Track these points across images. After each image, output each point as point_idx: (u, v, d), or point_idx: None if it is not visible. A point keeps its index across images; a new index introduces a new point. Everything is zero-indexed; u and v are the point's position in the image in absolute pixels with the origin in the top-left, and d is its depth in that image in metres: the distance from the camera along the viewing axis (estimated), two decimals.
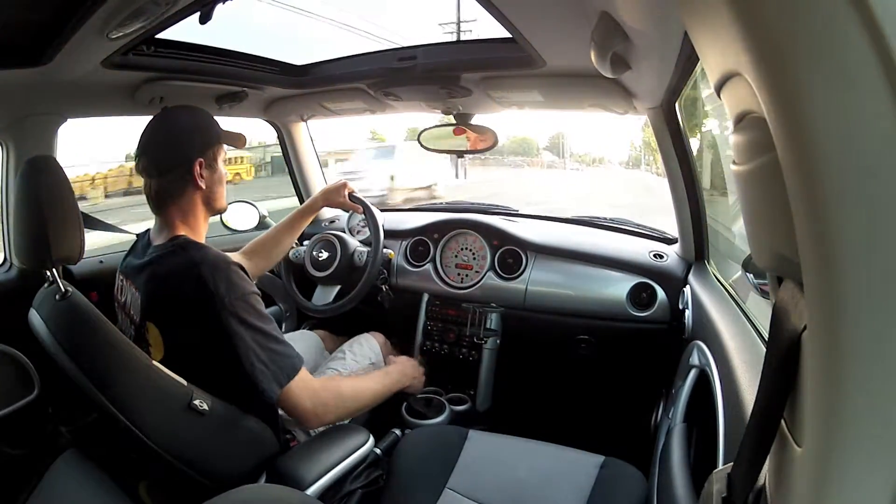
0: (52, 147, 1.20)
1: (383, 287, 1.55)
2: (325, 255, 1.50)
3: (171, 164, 0.93)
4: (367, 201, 1.47)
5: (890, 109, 0.20)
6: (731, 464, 0.39)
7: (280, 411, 1.01)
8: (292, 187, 1.95)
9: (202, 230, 0.99)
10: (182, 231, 0.94)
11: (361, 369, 1.27)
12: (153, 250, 0.93)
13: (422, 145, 1.55)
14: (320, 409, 0.93)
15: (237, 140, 1.04)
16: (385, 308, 1.56)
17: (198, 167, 0.93)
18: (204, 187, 0.95)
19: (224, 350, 0.84)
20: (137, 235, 1.04)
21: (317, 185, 1.93)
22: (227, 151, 1.02)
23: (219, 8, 0.87)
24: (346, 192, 1.44)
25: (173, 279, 0.87)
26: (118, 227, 1.21)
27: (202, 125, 0.97)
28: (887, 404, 0.24)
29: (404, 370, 1.24)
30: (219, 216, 1.21)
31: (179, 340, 0.87)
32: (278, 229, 1.41)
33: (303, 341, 1.37)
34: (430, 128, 1.52)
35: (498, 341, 1.48)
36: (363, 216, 1.57)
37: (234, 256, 1.31)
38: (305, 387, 0.90)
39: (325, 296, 1.52)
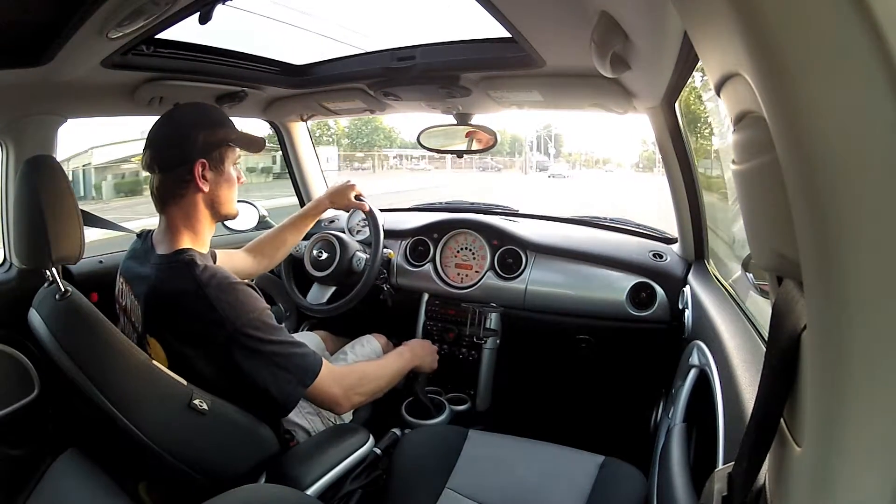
0: (52, 147, 1.20)
1: (385, 286, 1.55)
2: (324, 255, 1.50)
3: (172, 163, 0.90)
4: (369, 202, 1.47)
5: (890, 109, 0.20)
6: (732, 463, 0.39)
7: None
8: None
9: (206, 235, 0.96)
10: (186, 237, 0.92)
11: None
12: (157, 260, 0.90)
13: (421, 145, 1.55)
14: (350, 391, 0.96)
15: (252, 144, 0.99)
16: (389, 306, 1.56)
17: (199, 168, 0.90)
18: (206, 190, 0.91)
19: (232, 371, 0.84)
20: (138, 234, 1.02)
21: (316, 184, 1.93)
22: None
23: (218, 8, 0.87)
24: (353, 195, 1.42)
25: (178, 300, 0.85)
26: (119, 225, 1.21)
27: (209, 124, 0.93)
28: (887, 404, 0.24)
29: (414, 350, 1.25)
30: None
31: (184, 357, 0.86)
32: (282, 229, 1.39)
33: (303, 342, 1.36)
34: (430, 127, 1.52)
35: (498, 341, 1.48)
36: (364, 216, 1.57)
37: (238, 254, 1.29)
38: (331, 376, 0.93)
39: (319, 295, 1.53)
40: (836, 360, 0.24)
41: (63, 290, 0.84)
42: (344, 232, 1.62)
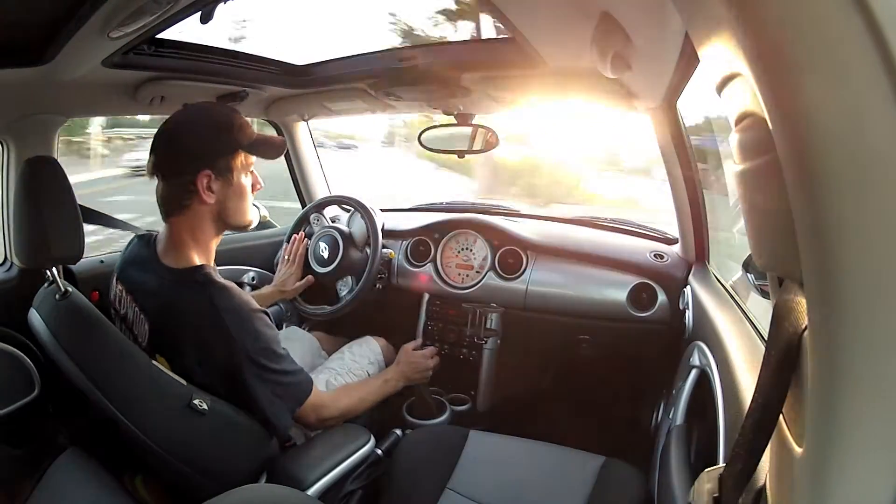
0: (53, 147, 1.20)
1: (378, 287, 1.55)
2: (327, 252, 1.50)
3: (175, 171, 0.86)
4: (365, 202, 1.47)
5: (890, 109, 0.20)
6: (724, 465, 0.39)
7: None
8: None
9: (211, 247, 0.92)
10: (193, 251, 0.88)
11: (359, 369, 1.27)
12: (168, 275, 0.86)
13: (422, 145, 1.55)
14: (324, 421, 1.00)
15: (268, 148, 0.91)
16: (371, 306, 1.56)
17: (204, 180, 0.84)
18: (212, 202, 0.86)
19: (236, 388, 0.85)
20: (137, 236, 0.99)
21: (317, 184, 1.93)
22: None
23: (220, 7, 0.87)
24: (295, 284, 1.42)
25: (193, 322, 0.83)
26: (120, 221, 1.20)
27: (216, 129, 0.86)
28: (887, 404, 0.24)
29: (405, 372, 1.25)
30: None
31: (191, 375, 0.85)
32: None
33: (300, 342, 1.36)
34: (431, 127, 1.52)
35: (498, 341, 1.48)
36: (364, 217, 1.57)
37: None
38: (312, 406, 0.95)
39: (343, 287, 1.52)
40: (836, 361, 0.24)
41: (63, 289, 0.84)
42: (350, 232, 1.61)
